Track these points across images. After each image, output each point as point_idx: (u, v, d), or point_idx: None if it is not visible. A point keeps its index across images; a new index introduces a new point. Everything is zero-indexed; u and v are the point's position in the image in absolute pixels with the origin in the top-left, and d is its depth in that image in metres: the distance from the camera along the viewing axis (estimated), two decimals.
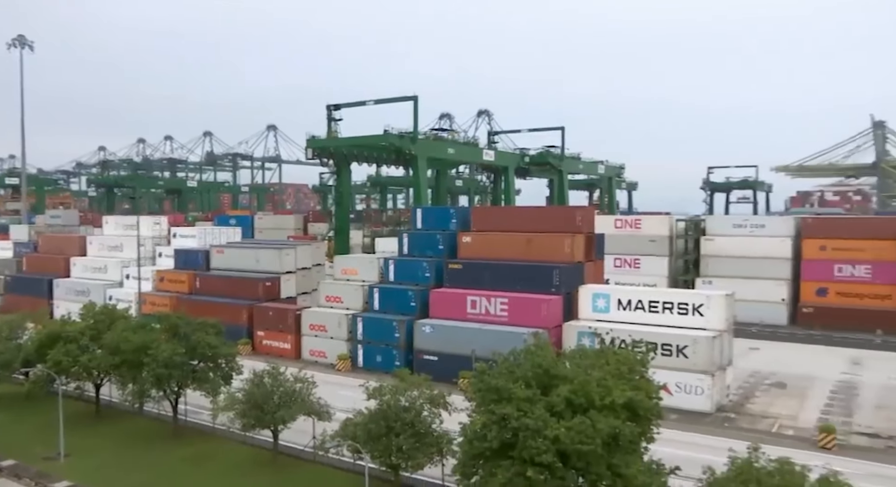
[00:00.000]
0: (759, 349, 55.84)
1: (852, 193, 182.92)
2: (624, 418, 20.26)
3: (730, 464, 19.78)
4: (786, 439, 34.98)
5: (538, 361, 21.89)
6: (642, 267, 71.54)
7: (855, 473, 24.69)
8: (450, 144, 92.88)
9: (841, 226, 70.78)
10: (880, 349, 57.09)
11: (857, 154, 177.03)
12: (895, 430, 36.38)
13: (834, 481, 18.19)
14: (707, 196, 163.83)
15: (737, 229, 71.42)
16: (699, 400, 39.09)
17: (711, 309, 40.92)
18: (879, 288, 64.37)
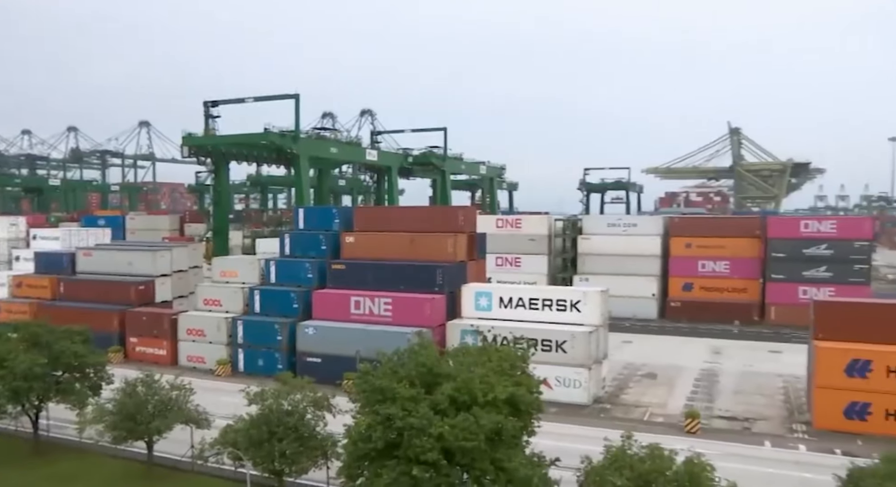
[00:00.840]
0: (632, 342, 58.77)
1: (713, 194, 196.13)
2: (506, 413, 20.73)
3: (605, 453, 20.72)
4: (656, 426, 37.01)
5: (422, 360, 22.02)
6: (523, 265, 73.55)
7: (716, 453, 26.40)
8: (332, 144, 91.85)
9: (703, 225, 75.81)
10: (738, 338, 61.58)
11: (717, 158, 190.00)
12: (750, 413, 39.37)
13: (697, 462, 19.41)
14: (583, 196, 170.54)
15: (611, 228, 74.82)
16: (577, 393, 40.63)
17: (588, 306, 42.63)
18: (737, 282, 69.44)
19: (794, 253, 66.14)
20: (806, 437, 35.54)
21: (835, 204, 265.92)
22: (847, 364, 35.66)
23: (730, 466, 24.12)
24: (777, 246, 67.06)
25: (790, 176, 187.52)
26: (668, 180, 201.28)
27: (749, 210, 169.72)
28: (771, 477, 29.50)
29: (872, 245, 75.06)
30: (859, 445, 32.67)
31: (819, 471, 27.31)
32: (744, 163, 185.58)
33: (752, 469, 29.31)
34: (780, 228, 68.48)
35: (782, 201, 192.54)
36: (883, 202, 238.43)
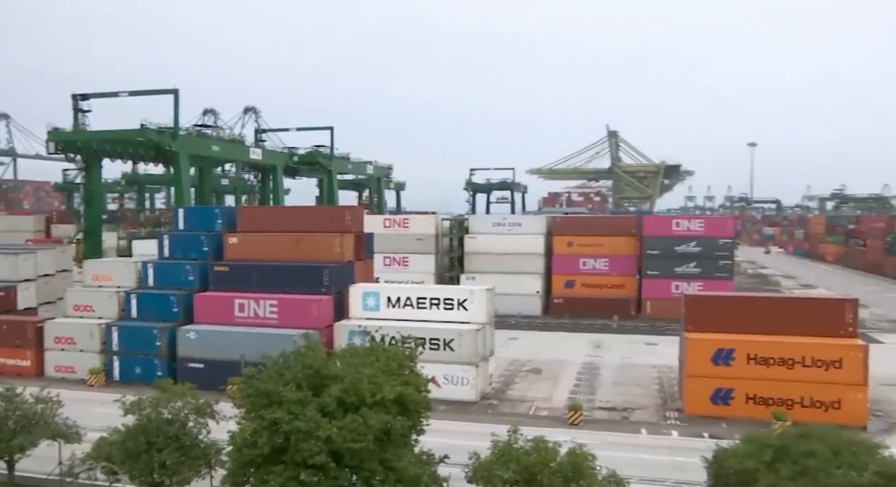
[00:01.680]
0: (517, 338, 60.23)
1: (593, 195, 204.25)
2: (395, 413, 20.74)
3: (493, 447, 21.15)
4: (542, 419, 38.11)
5: (309, 362, 21.66)
6: (410, 264, 73.78)
7: (597, 443, 27.55)
8: (214, 141, 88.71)
9: (584, 225, 78.90)
10: (616, 332, 64.46)
11: (597, 160, 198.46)
12: (628, 403, 41.30)
13: (580, 453, 20.16)
14: (470, 196, 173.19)
15: (496, 228, 76.34)
16: (465, 390, 41.23)
17: (475, 304, 43.32)
18: (615, 278, 72.66)
19: (666, 250, 69.94)
20: (678, 423, 37.72)
21: (703, 204, 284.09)
22: (713, 353, 38.15)
23: (610, 454, 25.20)
24: (651, 244, 70.69)
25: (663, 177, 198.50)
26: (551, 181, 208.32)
27: (626, 209, 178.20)
28: (647, 463, 31.04)
29: (735, 242, 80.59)
30: (724, 428, 35.00)
31: (689, 454, 29.02)
32: (621, 165, 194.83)
33: (630, 457, 30.73)
34: (654, 227, 72.24)
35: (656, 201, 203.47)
36: (743, 203, 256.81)
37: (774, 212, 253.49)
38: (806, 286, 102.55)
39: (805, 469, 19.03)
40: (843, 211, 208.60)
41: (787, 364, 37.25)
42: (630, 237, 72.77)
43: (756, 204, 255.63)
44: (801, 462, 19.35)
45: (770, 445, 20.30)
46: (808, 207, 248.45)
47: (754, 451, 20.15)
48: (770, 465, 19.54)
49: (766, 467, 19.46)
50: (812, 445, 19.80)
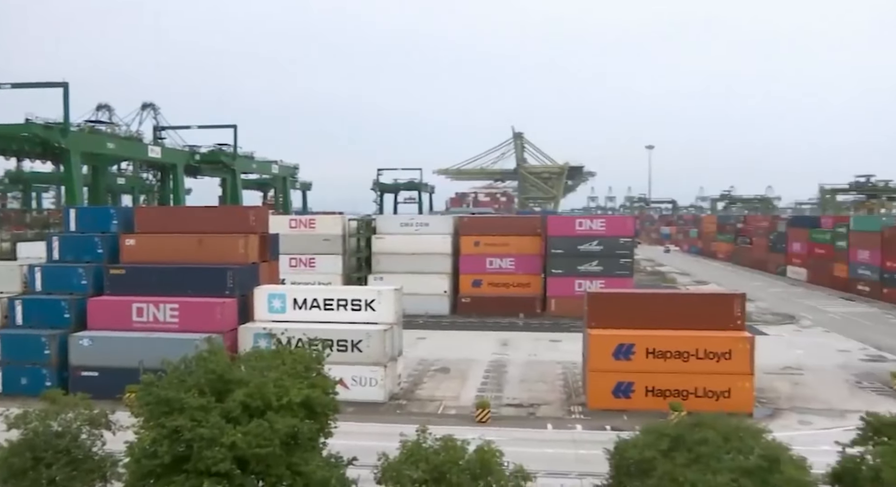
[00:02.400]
0: (425, 338, 60.45)
1: (500, 195, 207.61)
2: (302, 416, 20.40)
3: (401, 448, 21.14)
4: (450, 418, 38.42)
5: (212, 367, 21.00)
6: (317, 265, 72.82)
7: (505, 439, 28.05)
8: (109, 138, 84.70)
9: (491, 225, 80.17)
10: (523, 330, 65.76)
11: (503, 161, 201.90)
12: (534, 399, 42.25)
13: (487, 449, 20.43)
14: (377, 196, 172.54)
15: (404, 228, 76.40)
16: (374, 391, 41.05)
17: (382, 304, 43.19)
18: (521, 277, 74.09)
19: (570, 249, 71.94)
20: (582, 417, 38.91)
21: (604, 204, 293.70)
22: (614, 348, 39.55)
23: (517, 450, 25.66)
24: (556, 243, 72.53)
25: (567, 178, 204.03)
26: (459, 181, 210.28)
27: (531, 209, 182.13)
28: (552, 457, 31.88)
29: (634, 241, 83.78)
30: (625, 420, 36.29)
31: (592, 447, 29.87)
32: (526, 166, 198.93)
33: (536, 451, 31.44)
34: (558, 227, 74.16)
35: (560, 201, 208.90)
36: (642, 203, 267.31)
37: (671, 211, 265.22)
38: (699, 282, 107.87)
39: (698, 456, 19.99)
40: (732, 211, 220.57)
41: (683, 356, 39.08)
42: (535, 236, 74.40)
43: (654, 204, 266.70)
44: (694, 449, 20.32)
45: (667, 434, 21.20)
46: (702, 207, 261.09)
47: (652, 441, 21.00)
48: (667, 453, 20.41)
49: (663, 455, 20.32)
50: (705, 433, 20.82)
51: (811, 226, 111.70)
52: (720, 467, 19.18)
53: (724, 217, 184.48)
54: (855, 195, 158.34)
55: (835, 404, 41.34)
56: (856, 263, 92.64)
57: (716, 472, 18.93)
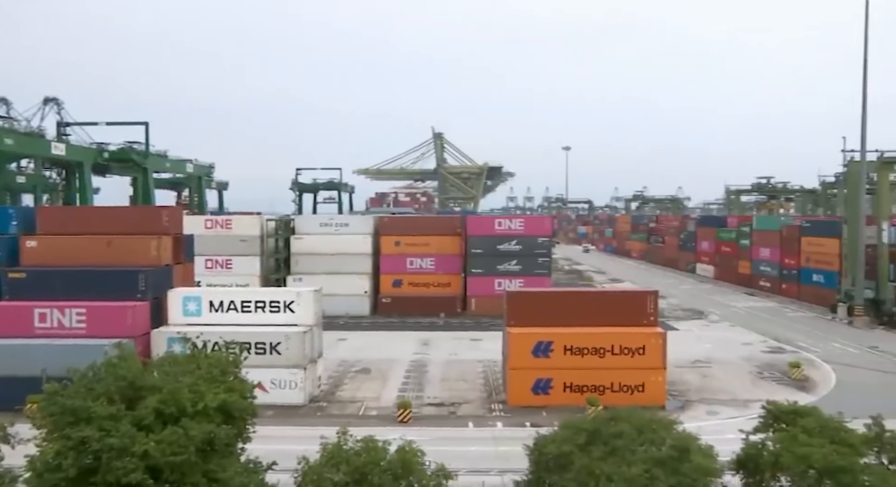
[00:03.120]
0: (346, 339, 59.97)
1: (420, 195, 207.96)
2: (219, 421, 19.88)
3: (322, 451, 20.90)
4: (371, 419, 38.26)
5: (122, 373, 20.19)
6: (234, 267, 71.10)
7: (426, 439, 28.09)
8: (6, 134, 79.98)
9: (411, 225, 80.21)
10: (443, 330, 66.09)
11: (423, 161, 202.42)
12: (455, 398, 42.55)
13: (409, 450, 20.45)
14: (296, 196, 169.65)
15: (324, 228, 75.52)
16: (293, 394, 40.43)
17: (302, 305, 42.55)
18: (442, 277, 74.47)
19: (489, 249, 72.79)
20: (502, 415, 39.45)
21: (523, 204, 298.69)
22: (533, 346, 40.28)
23: (439, 449, 25.76)
24: (475, 243, 73.24)
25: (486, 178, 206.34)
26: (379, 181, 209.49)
27: (451, 209, 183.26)
28: (474, 455, 32.19)
29: (552, 241, 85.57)
30: (544, 416, 37.05)
31: (512, 444, 30.31)
32: (446, 166, 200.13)
33: (458, 450, 31.66)
34: (478, 226, 74.93)
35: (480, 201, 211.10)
36: (560, 203, 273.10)
37: (587, 211, 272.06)
38: (614, 280, 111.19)
39: (614, 449, 20.64)
40: (645, 211, 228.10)
41: (599, 353, 40.19)
42: (455, 236, 74.90)
43: (571, 204, 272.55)
44: (610, 442, 20.97)
45: (584, 429, 21.78)
46: (616, 207, 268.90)
47: (570, 436, 21.53)
48: (584, 448, 20.97)
49: (580, 450, 20.86)
50: (620, 426, 21.52)
51: (718, 225, 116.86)
52: (634, 459, 19.86)
53: (637, 217, 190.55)
54: (757, 196, 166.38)
55: (739, 394, 43.40)
56: (758, 260, 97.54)
57: (630, 464, 19.58)
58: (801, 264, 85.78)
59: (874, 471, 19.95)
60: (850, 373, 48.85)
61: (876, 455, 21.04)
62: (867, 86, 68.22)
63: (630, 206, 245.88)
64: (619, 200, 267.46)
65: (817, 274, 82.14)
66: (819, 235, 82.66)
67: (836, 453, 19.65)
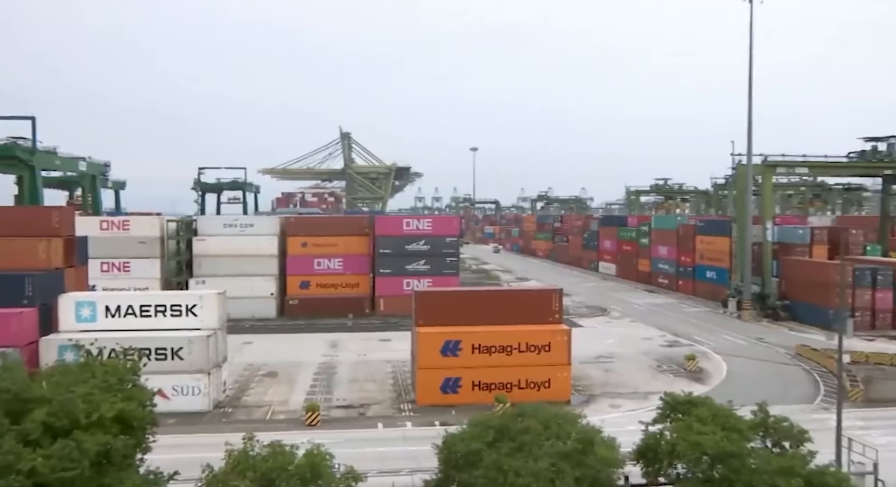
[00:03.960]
0: (252, 343, 58.58)
1: (327, 195, 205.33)
2: (116, 432, 19.00)
3: (227, 457, 20.32)
4: (279, 423, 37.54)
5: (6, 385, 18.95)
6: (133, 270, 68.13)
7: (335, 441, 27.83)
8: None
9: (318, 225, 79.20)
10: (352, 331, 65.61)
11: (330, 160, 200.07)
12: (364, 399, 42.34)
13: (317, 453, 20.17)
14: (199, 196, 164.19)
15: (228, 229, 73.46)
16: (197, 400, 39.14)
17: (205, 309, 41.25)
18: (350, 278, 73.97)
19: (398, 249, 72.81)
20: (412, 414, 39.54)
21: (431, 204, 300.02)
22: (442, 345, 40.58)
23: (348, 451, 25.58)
24: (384, 243, 73.09)
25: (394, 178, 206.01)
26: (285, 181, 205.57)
27: (359, 210, 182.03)
28: (384, 455, 32.14)
29: (460, 240, 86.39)
30: (453, 415, 37.30)
31: (422, 443, 30.39)
32: (354, 166, 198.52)
33: (367, 451, 31.56)
34: (386, 226, 74.81)
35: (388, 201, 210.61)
36: (467, 203, 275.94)
37: (494, 211, 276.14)
38: (521, 279, 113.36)
39: (522, 445, 21.06)
40: (550, 211, 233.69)
41: (507, 350, 40.90)
42: (363, 237, 74.50)
43: (478, 204, 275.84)
44: (518, 438, 21.39)
45: (492, 426, 22.11)
46: (522, 207, 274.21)
47: (478, 433, 21.81)
48: (492, 444, 21.30)
49: (488, 446, 21.17)
50: (527, 422, 21.97)
51: (619, 224, 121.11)
52: (541, 453, 20.33)
53: (542, 217, 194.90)
54: (655, 196, 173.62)
55: (640, 387, 45.17)
56: (656, 258, 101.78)
57: (537, 458, 20.04)
58: (696, 262, 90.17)
59: (760, 455, 21.21)
60: (739, 364, 51.73)
61: (761, 439, 22.40)
62: (752, 98, 72.53)
63: (536, 206, 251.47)
64: (526, 200, 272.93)
65: (710, 270, 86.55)
66: (711, 234, 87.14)
67: (727, 439, 20.75)
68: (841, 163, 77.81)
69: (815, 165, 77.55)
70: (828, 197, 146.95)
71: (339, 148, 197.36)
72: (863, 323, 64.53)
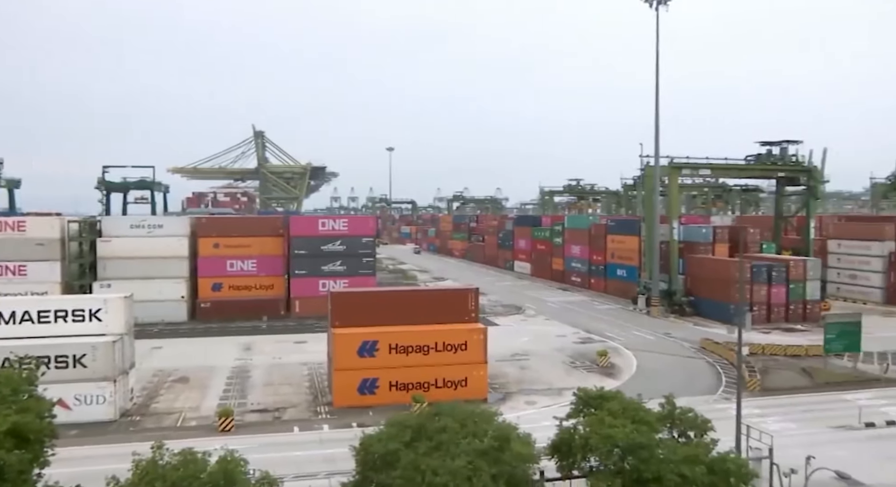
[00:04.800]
0: (162, 347, 56.60)
1: (240, 195, 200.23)
2: (9, 446, 17.98)
3: (134, 468, 19.54)
4: (191, 430, 36.41)
5: None
6: (29, 273, 64.59)
7: (250, 447, 27.29)
8: None
9: (231, 225, 77.18)
10: (266, 333, 64.32)
11: (243, 160, 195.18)
12: (280, 403, 41.59)
13: (231, 459, 19.67)
14: (103, 196, 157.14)
15: (135, 230, 70.63)
16: (102, 409, 37.48)
17: (110, 313, 39.52)
18: (264, 279, 72.48)
19: (313, 249, 71.88)
20: (329, 417, 39.11)
21: (347, 204, 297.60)
22: (359, 346, 40.32)
23: (263, 456, 25.12)
24: (299, 243, 72.00)
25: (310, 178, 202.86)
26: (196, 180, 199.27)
27: (274, 210, 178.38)
28: (300, 459, 31.64)
29: (377, 241, 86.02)
30: (371, 415, 37.19)
31: (339, 446, 30.17)
32: (268, 166, 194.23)
33: (283, 456, 31.07)
34: (301, 227, 73.71)
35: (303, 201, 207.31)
36: (384, 203, 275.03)
37: (410, 211, 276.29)
38: (438, 278, 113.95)
39: (439, 444, 21.17)
40: (466, 210, 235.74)
41: (423, 350, 41.02)
42: (278, 237, 73.17)
43: (395, 204, 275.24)
44: (435, 437, 21.48)
45: (409, 426, 22.14)
46: (439, 207, 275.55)
47: (396, 433, 21.79)
48: (410, 444, 21.31)
49: (406, 446, 21.17)
50: (444, 421, 22.11)
51: (533, 224, 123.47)
52: (458, 451, 20.50)
53: (458, 216, 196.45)
54: (568, 196, 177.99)
55: (554, 383, 46.21)
56: (570, 257, 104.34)
57: (454, 457, 20.19)
58: (607, 260, 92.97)
59: (667, 445, 22.09)
60: (648, 358, 53.68)
61: (669, 430, 23.35)
62: (659, 103, 75.44)
63: (452, 206, 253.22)
64: (442, 200, 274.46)
65: (621, 268, 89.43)
66: (622, 233, 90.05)
67: (637, 431, 21.53)
68: (739, 166, 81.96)
69: (717, 167, 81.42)
70: (728, 197, 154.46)
71: (253, 147, 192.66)
72: (760, 316, 68.15)
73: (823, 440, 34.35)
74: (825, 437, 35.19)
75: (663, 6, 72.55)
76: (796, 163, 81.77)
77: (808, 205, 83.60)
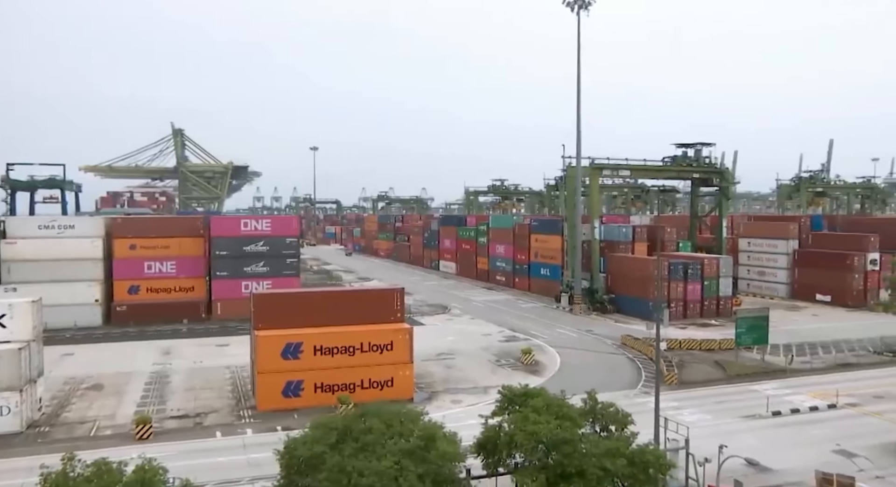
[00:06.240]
0: (73, 354, 54.25)
1: (158, 194, 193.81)
2: None
3: (43, 482, 18.68)
4: (105, 439, 35.02)
5: None
6: None
7: (170, 454, 26.43)
8: None
9: (148, 226, 74.55)
10: (187, 337, 62.47)
11: (162, 158, 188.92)
12: (201, 408, 40.48)
13: (149, 468, 19.08)
14: (7, 195, 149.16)
15: (44, 231, 67.39)
16: (7, 421, 35.56)
17: (15, 319, 37.54)
18: (184, 281, 70.36)
19: (235, 250, 70.23)
20: (252, 421, 38.31)
21: (270, 204, 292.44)
22: (282, 348, 39.68)
23: (185, 463, 24.42)
24: (220, 244, 70.21)
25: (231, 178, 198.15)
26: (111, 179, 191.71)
27: (194, 210, 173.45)
28: (222, 465, 30.93)
29: (301, 241, 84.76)
30: (296, 418, 36.64)
31: (263, 450, 29.72)
32: (188, 165, 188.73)
33: (205, 462, 30.29)
34: (222, 227, 71.89)
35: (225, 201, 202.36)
36: (308, 203, 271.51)
37: (335, 211, 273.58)
38: (363, 279, 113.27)
39: (365, 445, 21.11)
40: (391, 210, 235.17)
41: (349, 351, 40.71)
42: (198, 238, 71.14)
43: (319, 204, 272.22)
44: (361, 439, 21.41)
45: (335, 428, 21.99)
46: (364, 207, 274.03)
47: (321, 436, 21.60)
48: (335, 446, 21.16)
49: (331, 449, 21.01)
50: (370, 422, 22.06)
51: (458, 224, 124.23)
52: (384, 452, 20.49)
53: (384, 216, 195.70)
54: (493, 196, 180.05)
55: (480, 382, 46.64)
56: (494, 257, 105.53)
57: (380, 457, 20.18)
58: (531, 259, 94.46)
59: (589, 440, 22.69)
60: (571, 355, 54.86)
61: (591, 424, 23.98)
62: (580, 105, 77.26)
63: (377, 206, 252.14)
64: (367, 200, 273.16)
65: (544, 267, 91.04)
66: (545, 233, 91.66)
67: (560, 427, 22.02)
68: (657, 167, 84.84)
69: (636, 168, 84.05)
70: (647, 198, 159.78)
71: (172, 145, 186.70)
72: (677, 312, 70.68)
73: (735, 429, 35.96)
74: (736, 426, 36.85)
75: (584, 10, 74.31)
76: (710, 165, 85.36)
77: (720, 204, 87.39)
